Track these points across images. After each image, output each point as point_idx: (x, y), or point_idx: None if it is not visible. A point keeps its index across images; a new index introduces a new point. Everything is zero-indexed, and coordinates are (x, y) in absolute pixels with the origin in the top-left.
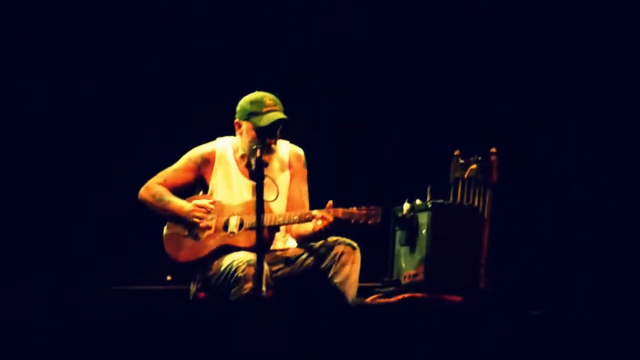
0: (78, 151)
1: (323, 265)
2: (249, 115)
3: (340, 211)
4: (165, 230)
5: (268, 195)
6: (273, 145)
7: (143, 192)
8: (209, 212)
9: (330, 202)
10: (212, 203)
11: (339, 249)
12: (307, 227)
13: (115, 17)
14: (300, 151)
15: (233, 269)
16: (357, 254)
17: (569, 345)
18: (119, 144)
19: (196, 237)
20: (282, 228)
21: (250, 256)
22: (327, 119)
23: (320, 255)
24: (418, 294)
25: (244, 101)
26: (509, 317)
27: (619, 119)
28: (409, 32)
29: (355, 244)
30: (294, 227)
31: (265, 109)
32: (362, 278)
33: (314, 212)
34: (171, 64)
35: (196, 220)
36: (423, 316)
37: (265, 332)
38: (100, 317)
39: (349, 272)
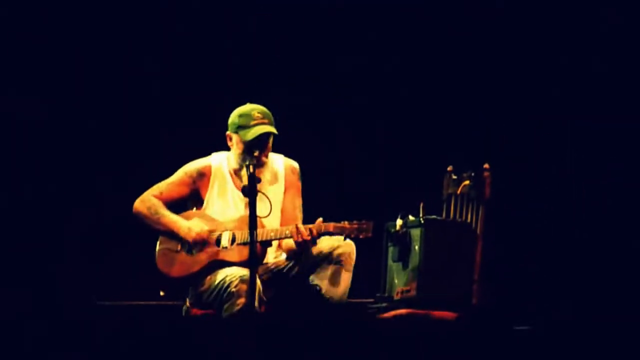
0: (73, 162)
1: (314, 273)
2: (238, 129)
3: (331, 225)
4: (157, 246)
5: (261, 210)
6: (264, 159)
7: (138, 205)
8: (202, 244)
9: (320, 219)
10: (210, 231)
11: (331, 251)
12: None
13: (107, 31)
14: (295, 165)
15: (226, 285)
16: (350, 260)
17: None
18: (116, 156)
19: (188, 252)
20: (275, 242)
21: (243, 272)
22: (321, 133)
23: (311, 263)
24: (411, 310)
25: (234, 114)
26: (502, 332)
27: (619, 119)
28: (403, 47)
29: (347, 247)
30: (284, 241)
31: (252, 122)
32: (354, 294)
33: (299, 225)
34: (168, 77)
35: (190, 240)
36: (415, 332)
37: (257, 347)
38: (94, 333)
39: (339, 280)
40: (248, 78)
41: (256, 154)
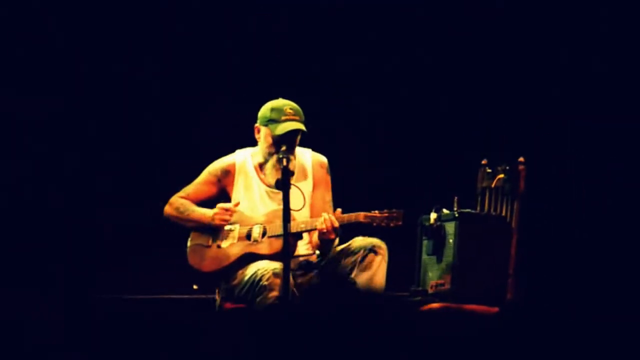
0: (110, 159)
1: (347, 266)
2: (268, 122)
3: (362, 215)
4: (188, 242)
5: (293, 203)
6: (290, 155)
7: (167, 209)
8: (231, 215)
9: (339, 210)
10: (236, 205)
11: (364, 247)
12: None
13: (135, 26)
14: (323, 159)
15: (257, 278)
16: (384, 252)
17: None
18: (150, 151)
19: (219, 247)
20: (306, 235)
21: (275, 265)
22: (354, 127)
23: (343, 256)
24: (445, 304)
25: (265, 107)
26: (538, 327)
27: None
28: (435, 41)
29: (380, 243)
30: (314, 236)
31: (284, 117)
32: (388, 287)
33: (324, 214)
34: (191, 76)
35: (220, 223)
36: (450, 326)
37: (288, 339)
38: (125, 327)
39: (375, 270)
40: (272, 82)
41: (283, 148)
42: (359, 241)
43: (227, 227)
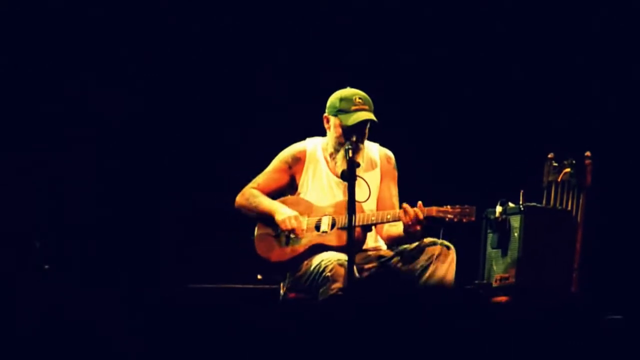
0: (174, 149)
1: (418, 266)
2: (338, 112)
3: (434, 210)
4: (256, 231)
5: (360, 195)
6: (360, 144)
7: (238, 198)
8: (296, 232)
9: (420, 202)
10: (302, 230)
11: (434, 249)
12: (398, 229)
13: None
14: (391, 154)
15: (321, 269)
16: (453, 254)
17: None
18: (215, 143)
19: (287, 237)
20: (374, 229)
21: (340, 256)
22: (418, 120)
23: (414, 255)
24: (509, 297)
25: (334, 97)
26: (601, 321)
27: None
28: (499, 35)
29: (450, 245)
30: (385, 228)
31: (354, 107)
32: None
33: (405, 205)
34: (261, 67)
35: (284, 228)
36: (514, 319)
37: (352, 331)
38: (191, 316)
39: (445, 272)
40: (337, 74)
41: (354, 139)
42: (427, 243)
43: None
